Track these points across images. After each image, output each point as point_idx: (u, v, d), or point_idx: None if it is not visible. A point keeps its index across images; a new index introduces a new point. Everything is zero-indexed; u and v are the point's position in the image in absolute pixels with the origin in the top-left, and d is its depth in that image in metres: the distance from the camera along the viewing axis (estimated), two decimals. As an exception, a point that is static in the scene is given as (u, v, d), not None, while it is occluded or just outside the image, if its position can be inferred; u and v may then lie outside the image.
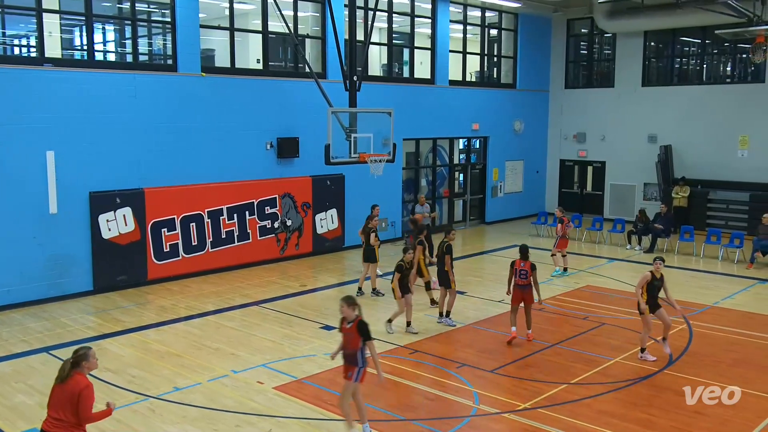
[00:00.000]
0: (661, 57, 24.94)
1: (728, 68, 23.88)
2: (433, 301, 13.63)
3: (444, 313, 12.77)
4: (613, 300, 14.52)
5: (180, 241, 15.98)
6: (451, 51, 22.55)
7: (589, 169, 26.21)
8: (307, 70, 17.17)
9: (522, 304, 11.72)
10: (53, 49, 15.24)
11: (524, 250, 12.04)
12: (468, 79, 23.97)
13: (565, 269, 16.94)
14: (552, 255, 17.07)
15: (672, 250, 19.69)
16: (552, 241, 17.97)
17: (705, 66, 24.18)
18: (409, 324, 12.29)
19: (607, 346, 11.58)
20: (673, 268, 17.78)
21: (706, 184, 22.69)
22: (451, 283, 12.57)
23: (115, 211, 14.89)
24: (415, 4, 21.42)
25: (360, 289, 14.78)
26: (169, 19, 16.02)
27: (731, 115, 22.42)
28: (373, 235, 14.73)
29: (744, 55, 22.29)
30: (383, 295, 14.52)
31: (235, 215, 16.98)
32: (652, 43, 24.69)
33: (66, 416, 6.18)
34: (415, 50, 21.94)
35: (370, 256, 14.71)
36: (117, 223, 14.94)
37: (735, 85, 23.11)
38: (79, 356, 6.36)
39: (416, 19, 21.55)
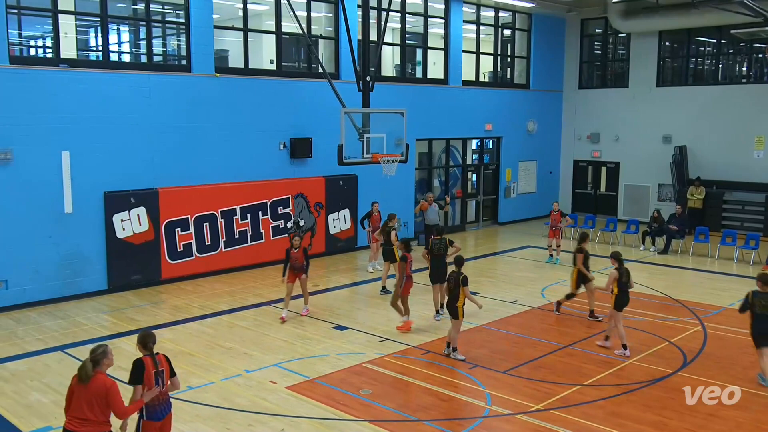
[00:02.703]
0: (676, 57, 24.78)
1: (744, 68, 23.69)
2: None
3: (452, 349, 11.11)
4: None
5: (194, 241, 16.05)
6: (464, 51, 22.52)
7: (603, 169, 26.08)
8: (320, 70, 17.20)
9: None
10: (69, 50, 15.36)
11: (407, 242, 12.84)
12: (481, 79, 23.92)
13: (551, 255, 18.32)
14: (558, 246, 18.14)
15: (687, 252, 19.56)
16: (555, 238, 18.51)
17: (720, 66, 24.00)
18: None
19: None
20: (688, 269, 17.69)
21: (721, 185, 22.52)
22: (459, 313, 10.88)
23: (129, 211, 14.99)
24: (428, 4, 21.40)
25: (384, 287, 14.84)
26: (183, 20, 16.11)
27: (747, 116, 22.23)
28: (393, 233, 14.75)
29: (760, 55, 22.10)
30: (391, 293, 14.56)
31: (249, 215, 17.04)
32: (667, 43, 24.54)
33: (95, 416, 6.25)
34: (428, 50, 21.93)
35: (389, 256, 14.73)
36: (131, 223, 15.04)
37: (751, 85, 22.92)
38: (98, 354, 6.40)
39: (429, 19, 21.54)
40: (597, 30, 26.45)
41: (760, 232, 19.90)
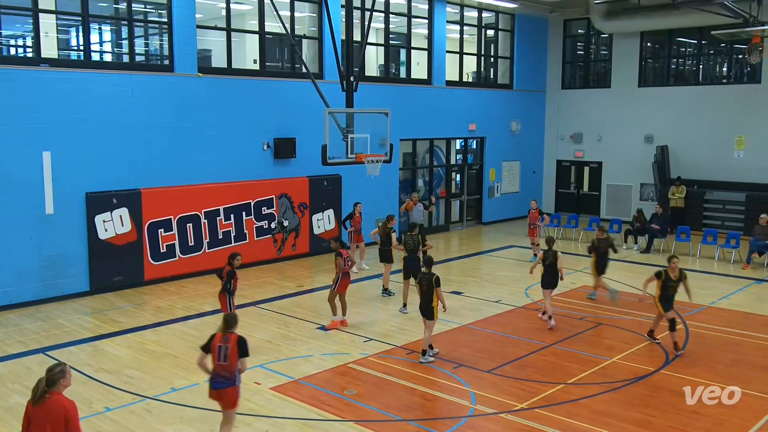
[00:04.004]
0: (658, 58, 24.98)
1: (724, 69, 23.93)
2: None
3: (424, 350, 10.97)
4: (610, 300, 14.51)
5: (177, 242, 15.96)
6: (447, 51, 22.57)
7: (586, 169, 26.24)
8: (304, 70, 17.17)
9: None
10: (50, 49, 15.21)
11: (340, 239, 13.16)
12: (465, 79, 23.98)
13: (535, 255, 17.84)
14: (536, 245, 17.97)
15: (669, 250, 19.69)
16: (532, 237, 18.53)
17: (701, 67, 24.23)
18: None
19: (604, 346, 11.59)
20: (670, 269, 17.82)
21: (702, 184, 22.74)
22: (434, 314, 10.85)
23: (111, 212, 14.88)
24: (412, 4, 21.43)
25: (385, 289, 14.87)
26: (165, 20, 16.01)
27: (728, 116, 22.46)
28: (394, 235, 14.77)
29: (740, 56, 22.31)
30: (393, 294, 14.59)
31: (232, 216, 16.97)
32: (649, 44, 24.73)
33: None
34: (412, 51, 21.96)
35: (386, 257, 14.73)
36: (113, 224, 14.92)
37: (731, 85, 23.16)
38: (56, 374, 5.90)
39: (413, 19, 21.56)
40: (579, 30, 26.61)
41: (741, 231, 20.08)
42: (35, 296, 14.02)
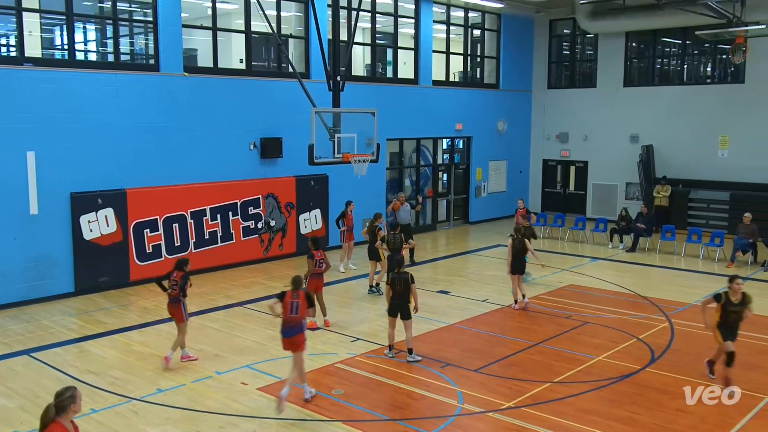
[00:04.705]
0: (643, 57, 25.14)
1: (708, 69, 24.11)
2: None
3: (407, 351, 10.96)
4: (596, 299, 14.62)
5: (163, 242, 15.88)
6: (434, 51, 22.60)
7: (572, 168, 26.37)
8: (291, 70, 17.13)
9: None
10: (33, 48, 15.10)
11: (315, 240, 12.82)
12: (451, 79, 24.03)
13: None
14: None
15: (654, 249, 19.86)
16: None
17: (686, 66, 24.41)
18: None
19: (590, 344, 11.65)
20: (655, 267, 17.95)
21: (687, 183, 22.91)
22: (410, 313, 10.92)
23: (96, 212, 14.78)
24: (398, 4, 21.44)
25: (371, 287, 14.90)
26: (151, 19, 15.92)
27: (712, 116, 22.64)
28: (381, 233, 14.83)
29: (724, 56, 22.52)
30: (382, 293, 14.59)
31: (219, 216, 16.91)
32: (634, 44, 24.88)
33: None
34: (399, 50, 21.96)
35: (375, 255, 14.79)
36: (99, 224, 14.83)
37: (715, 85, 23.34)
38: (65, 399, 5.46)
39: (399, 19, 21.57)
40: (565, 30, 26.73)
41: (725, 229, 20.26)
42: (19, 297, 13.91)
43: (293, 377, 9.18)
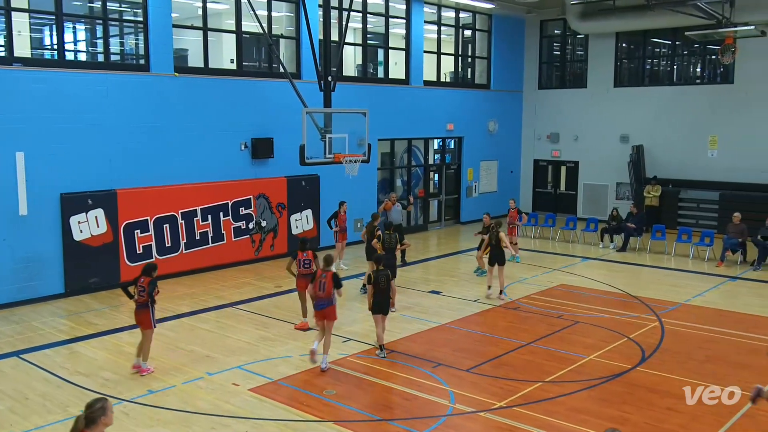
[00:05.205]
0: (633, 58, 25.23)
1: (698, 69, 24.24)
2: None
3: (381, 346, 11.21)
4: (587, 298, 14.66)
5: (153, 243, 15.82)
6: (425, 51, 22.61)
7: (563, 169, 26.44)
8: (282, 70, 17.10)
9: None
10: (23, 48, 15.01)
11: (303, 241, 12.98)
12: (442, 79, 24.05)
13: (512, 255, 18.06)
14: (515, 244, 18.27)
15: (644, 249, 19.94)
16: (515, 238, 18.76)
17: (675, 67, 24.52)
18: None
19: (581, 344, 11.68)
20: (646, 266, 18.02)
21: (677, 183, 23.01)
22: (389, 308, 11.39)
23: (86, 213, 14.71)
24: (390, 4, 21.44)
25: (364, 285, 14.87)
26: (141, 19, 15.86)
27: (701, 116, 22.75)
28: (379, 233, 14.80)
29: (713, 57, 22.63)
30: None
31: (210, 216, 16.86)
32: (624, 45, 24.98)
33: None
34: (390, 51, 21.97)
35: (372, 254, 14.75)
36: (89, 225, 14.76)
37: (705, 86, 23.45)
38: (95, 411, 5.23)
39: (390, 19, 21.58)
40: (556, 31, 26.81)
41: (715, 229, 20.36)
42: (9, 299, 13.82)
43: (321, 340, 10.50)
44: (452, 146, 24.83)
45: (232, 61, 17.91)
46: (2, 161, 13.51)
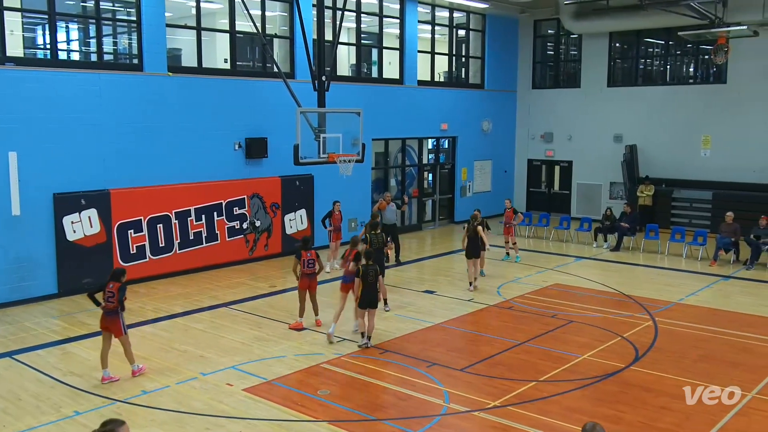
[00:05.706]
0: (626, 58, 25.29)
1: (691, 69, 24.32)
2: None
3: (367, 338, 11.54)
4: (581, 298, 14.69)
5: (147, 243, 15.78)
6: (419, 51, 22.62)
7: (557, 168, 26.48)
8: (276, 69, 17.08)
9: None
10: (15, 47, 14.93)
11: (305, 240, 12.86)
12: (436, 79, 24.06)
13: (507, 254, 18.71)
14: (514, 244, 18.54)
15: (637, 248, 19.99)
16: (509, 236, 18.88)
17: (668, 67, 24.59)
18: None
19: (575, 343, 11.71)
20: (639, 266, 18.07)
21: (670, 183, 23.09)
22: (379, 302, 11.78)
23: (80, 213, 14.66)
24: (384, 4, 21.43)
25: None
26: (134, 18, 15.82)
27: (694, 116, 22.83)
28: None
29: (706, 57, 22.70)
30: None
31: (203, 216, 16.83)
32: (617, 44, 25.04)
33: None
34: (384, 50, 21.97)
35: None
36: (82, 225, 14.71)
37: (698, 85, 23.54)
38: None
39: (384, 19, 21.57)
40: (549, 31, 26.84)
41: (708, 228, 20.43)
42: (2, 299, 13.76)
43: (342, 313, 11.65)
44: (446, 146, 24.84)
45: (225, 60, 17.88)
46: (-5, 161, 13.46)
